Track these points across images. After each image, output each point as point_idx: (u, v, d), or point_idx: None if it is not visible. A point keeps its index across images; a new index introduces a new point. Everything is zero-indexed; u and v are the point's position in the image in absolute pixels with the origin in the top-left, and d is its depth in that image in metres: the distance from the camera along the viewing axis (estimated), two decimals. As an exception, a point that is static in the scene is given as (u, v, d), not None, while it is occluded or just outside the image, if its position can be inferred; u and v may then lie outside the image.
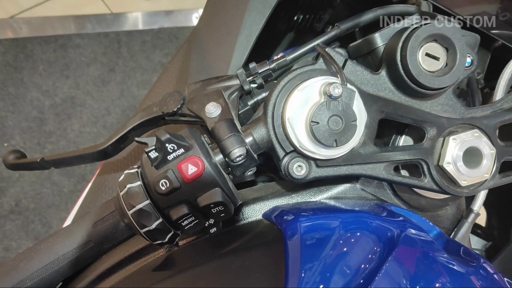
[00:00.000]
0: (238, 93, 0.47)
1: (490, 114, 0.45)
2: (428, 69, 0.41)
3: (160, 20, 1.93)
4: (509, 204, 0.70)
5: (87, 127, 1.71)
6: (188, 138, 0.40)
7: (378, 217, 0.42)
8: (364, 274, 0.35)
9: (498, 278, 0.41)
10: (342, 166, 0.42)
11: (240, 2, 0.61)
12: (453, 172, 0.43)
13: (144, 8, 1.97)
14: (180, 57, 0.66)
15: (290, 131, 0.40)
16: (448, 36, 0.41)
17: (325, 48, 0.43)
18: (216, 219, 0.41)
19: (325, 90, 0.38)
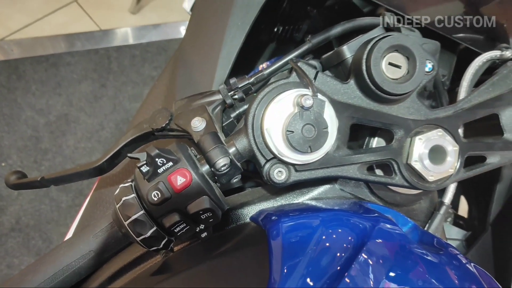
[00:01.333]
0: (221, 107, 0.51)
1: (452, 114, 0.49)
2: (391, 77, 0.45)
3: (148, 34, 1.97)
4: (485, 195, 0.74)
5: (82, 143, 1.74)
6: (176, 152, 0.43)
7: (353, 214, 0.46)
8: (340, 264, 0.39)
9: (465, 263, 0.45)
10: (318, 170, 0.46)
11: (220, 20, 0.65)
12: (421, 169, 0.47)
13: (132, 23, 2.01)
14: (167, 74, 0.69)
15: (269, 140, 0.44)
16: (407, 46, 0.45)
17: (297, 63, 0.46)
18: (206, 225, 0.45)
19: (297, 101, 0.42)
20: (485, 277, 0.46)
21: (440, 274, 0.42)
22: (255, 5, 0.64)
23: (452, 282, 0.41)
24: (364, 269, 0.38)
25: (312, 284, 0.37)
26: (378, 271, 0.39)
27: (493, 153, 0.50)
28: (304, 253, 0.40)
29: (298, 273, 0.38)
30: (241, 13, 0.64)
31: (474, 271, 0.46)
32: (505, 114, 0.51)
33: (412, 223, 0.52)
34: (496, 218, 0.69)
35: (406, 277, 0.39)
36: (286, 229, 0.42)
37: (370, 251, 0.40)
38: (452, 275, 0.43)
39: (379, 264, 0.39)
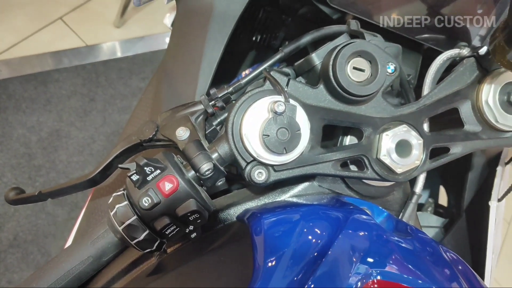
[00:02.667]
0: (203, 116, 0.55)
1: (416, 110, 0.53)
2: (356, 80, 0.49)
3: (133, 47, 2.01)
4: (460, 184, 0.78)
5: (75, 157, 1.77)
6: (163, 160, 0.47)
7: (329, 208, 0.50)
8: (318, 252, 0.43)
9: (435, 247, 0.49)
10: (295, 169, 0.50)
11: (199, 34, 0.69)
12: (389, 162, 0.51)
13: (117, 37, 2.05)
14: (152, 88, 0.73)
15: (248, 145, 0.48)
16: (368, 51, 0.49)
17: (270, 72, 0.51)
18: (194, 225, 0.48)
19: (271, 107, 0.46)
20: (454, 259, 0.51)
21: (410, 257, 0.46)
22: (231, 18, 0.68)
23: (422, 264, 0.45)
24: (339, 255, 0.42)
25: (292, 272, 0.41)
26: (352, 256, 0.43)
27: (455, 144, 0.55)
28: (284, 244, 0.44)
29: (279, 263, 0.42)
30: (218, 26, 0.68)
31: (443, 253, 0.50)
32: (464, 107, 0.55)
33: (387, 213, 0.56)
34: (469, 204, 0.74)
35: (379, 260, 0.43)
36: (267, 224, 0.46)
37: (344, 239, 0.44)
38: (422, 258, 0.47)
39: (353, 250, 0.44)
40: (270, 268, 0.41)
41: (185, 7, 0.74)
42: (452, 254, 0.51)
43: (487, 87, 0.54)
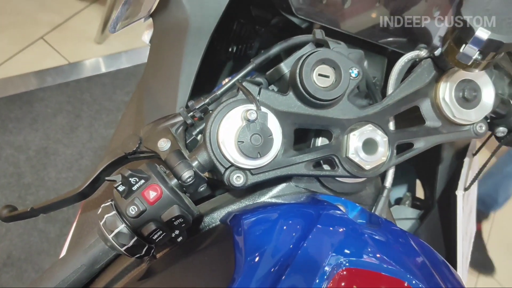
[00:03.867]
0: (183, 127, 0.59)
1: (380, 110, 0.57)
2: (322, 86, 0.53)
3: (116, 62, 2.04)
4: (432, 177, 0.83)
5: (63, 173, 1.79)
6: (146, 170, 0.51)
7: (304, 205, 0.54)
8: (293, 246, 0.46)
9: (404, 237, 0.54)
10: (271, 171, 0.54)
11: (176, 49, 0.72)
12: (358, 160, 0.55)
13: (99, 53, 2.08)
14: (134, 103, 0.77)
15: (225, 151, 0.51)
16: (331, 59, 0.53)
17: (243, 83, 0.54)
18: (179, 230, 0.52)
19: (244, 116, 0.50)
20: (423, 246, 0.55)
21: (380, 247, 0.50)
22: (206, 33, 0.72)
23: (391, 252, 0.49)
24: (312, 248, 0.46)
25: (270, 266, 0.45)
26: (325, 248, 0.47)
27: (418, 139, 0.59)
28: (263, 241, 0.47)
29: (258, 259, 0.45)
30: (194, 41, 0.72)
31: (412, 242, 0.54)
32: (424, 105, 0.60)
33: (360, 207, 0.60)
34: (441, 195, 0.78)
35: (350, 250, 0.47)
36: (247, 224, 0.50)
37: (317, 233, 0.48)
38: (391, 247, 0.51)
39: (325, 242, 0.47)
40: (251, 264, 0.45)
41: (161, 24, 0.77)
42: (421, 243, 0.55)
43: (443, 85, 0.58)
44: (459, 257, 0.70)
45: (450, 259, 0.72)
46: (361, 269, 0.45)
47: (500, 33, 0.47)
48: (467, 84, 0.58)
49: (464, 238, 0.73)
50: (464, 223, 0.73)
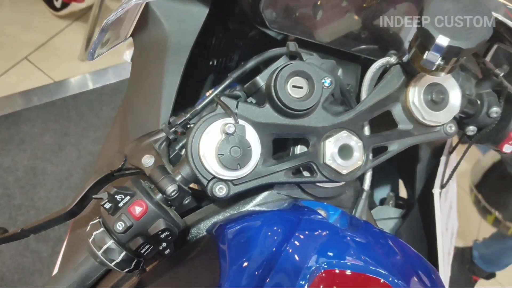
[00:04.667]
0: (166, 142, 0.61)
1: (353, 116, 0.60)
2: (296, 97, 0.55)
3: (101, 78, 2.06)
4: (412, 176, 0.86)
5: (53, 192, 1.80)
6: (131, 187, 0.53)
7: (285, 212, 0.56)
8: (275, 252, 0.49)
9: (382, 236, 0.56)
10: (252, 181, 0.56)
11: (157, 66, 0.75)
12: (335, 165, 0.58)
13: (84, 70, 2.09)
14: (118, 121, 0.79)
15: (206, 164, 0.53)
16: (304, 70, 0.55)
17: (221, 97, 0.57)
18: (166, 242, 0.54)
19: (223, 129, 0.53)
20: (400, 245, 0.57)
21: (359, 248, 0.52)
22: (185, 49, 0.74)
23: (370, 252, 0.52)
24: (293, 252, 0.48)
25: (253, 272, 0.47)
26: (306, 251, 0.49)
27: (392, 142, 0.61)
28: (246, 249, 0.50)
29: (242, 265, 0.48)
30: (174, 58, 0.74)
31: (390, 242, 0.56)
32: (395, 109, 0.62)
33: (340, 210, 0.63)
34: (420, 194, 0.81)
35: (329, 253, 0.50)
36: (231, 233, 0.52)
37: (298, 238, 0.50)
38: (370, 247, 0.54)
39: (306, 246, 0.50)
40: (235, 271, 0.47)
41: (141, 42, 0.79)
42: (398, 241, 0.57)
43: (412, 90, 0.61)
44: (440, 253, 0.73)
45: (432, 255, 0.75)
46: (341, 270, 0.48)
47: (459, 39, 0.50)
48: (435, 87, 0.61)
49: (443, 234, 0.75)
50: (443, 220, 0.76)
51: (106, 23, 0.51)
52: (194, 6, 0.75)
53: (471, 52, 0.51)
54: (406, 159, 0.90)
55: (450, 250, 0.85)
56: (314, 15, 0.69)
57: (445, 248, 0.78)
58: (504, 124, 0.65)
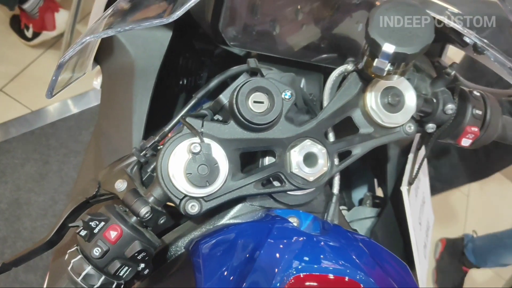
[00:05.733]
0: (137, 166, 0.62)
1: (316, 125, 0.62)
2: (258, 111, 0.58)
3: (78, 104, 2.06)
4: (383, 175, 0.88)
5: (39, 221, 1.80)
6: (105, 212, 0.54)
7: (256, 223, 0.58)
8: (248, 263, 0.51)
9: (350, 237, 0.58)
10: (223, 196, 0.58)
11: (126, 91, 0.77)
12: (301, 173, 0.60)
13: (61, 97, 2.09)
14: (92, 148, 0.80)
15: (176, 184, 0.55)
16: (263, 86, 0.58)
17: (186, 118, 0.59)
18: (144, 262, 0.56)
19: (189, 149, 0.55)
20: (370, 244, 0.60)
21: (329, 251, 0.55)
22: (152, 72, 0.77)
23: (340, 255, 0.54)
24: (265, 261, 0.51)
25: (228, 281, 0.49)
26: (277, 258, 0.51)
27: (355, 146, 0.64)
28: (219, 262, 0.52)
29: (216, 279, 0.50)
30: (142, 81, 0.76)
31: (359, 242, 0.59)
32: (355, 115, 0.65)
33: (312, 216, 0.65)
34: (392, 192, 0.84)
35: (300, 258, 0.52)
36: (204, 248, 0.54)
37: (269, 246, 0.52)
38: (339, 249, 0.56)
39: (277, 253, 0.52)
40: (210, 283, 0.49)
41: (109, 69, 0.81)
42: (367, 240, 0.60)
43: (369, 95, 0.64)
44: (414, 247, 0.75)
45: (407, 250, 0.77)
46: (311, 274, 0.50)
47: (404, 45, 0.53)
48: (390, 91, 0.64)
49: (416, 228, 0.78)
50: (414, 215, 0.79)
51: (61, 62, 0.53)
52: (157, 30, 0.78)
53: (416, 56, 0.54)
54: (378, 159, 0.93)
55: (427, 243, 0.88)
56: (272, 31, 0.72)
57: (420, 242, 0.81)
58: (460, 120, 0.69)
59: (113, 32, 0.51)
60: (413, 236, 0.75)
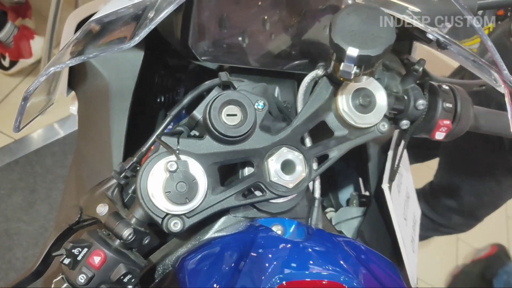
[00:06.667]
0: (118, 188, 0.63)
1: (291, 132, 0.63)
2: (232, 124, 0.58)
3: (61, 128, 2.05)
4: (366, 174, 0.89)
5: (30, 250, 1.78)
6: (88, 238, 0.55)
7: (240, 234, 0.59)
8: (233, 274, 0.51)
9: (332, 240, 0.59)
10: (205, 210, 0.58)
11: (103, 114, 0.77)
12: (280, 181, 0.61)
13: (43, 123, 2.09)
14: (72, 174, 0.80)
15: (157, 203, 0.56)
16: (234, 99, 0.59)
17: (161, 137, 0.59)
18: (131, 284, 0.56)
19: (166, 168, 0.55)
20: (354, 245, 0.61)
21: (312, 256, 0.55)
22: (127, 93, 0.77)
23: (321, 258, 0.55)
24: (250, 270, 0.51)
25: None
26: (261, 268, 0.52)
27: (331, 149, 0.65)
28: (205, 277, 0.52)
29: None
30: (118, 103, 0.77)
31: (342, 244, 0.59)
32: (329, 118, 0.66)
33: (296, 222, 0.65)
34: (375, 190, 0.85)
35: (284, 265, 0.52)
36: (189, 265, 0.54)
37: (252, 257, 0.53)
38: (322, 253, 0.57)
39: (261, 263, 0.52)
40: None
41: (84, 94, 0.82)
42: (353, 243, 0.60)
43: (340, 98, 0.65)
44: (400, 243, 0.76)
45: (396, 247, 0.78)
46: (296, 281, 0.50)
47: (367, 48, 0.54)
48: (361, 92, 0.65)
49: (402, 224, 0.79)
50: (398, 212, 0.80)
51: (25, 95, 0.54)
52: (129, 51, 0.78)
53: (381, 57, 0.55)
54: (360, 158, 0.94)
55: (414, 237, 0.89)
56: (242, 43, 0.73)
57: (407, 237, 0.82)
58: (432, 114, 0.70)
59: (77, 61, 0.51)
60: (398, 233, 0.76)
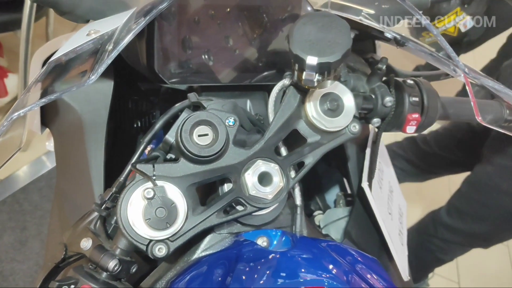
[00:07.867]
0: (100, 220, 0.63)
1: (264, 144, 0.64)
2: (204, 144, 0.59)
3: (46, 163, 2.05)
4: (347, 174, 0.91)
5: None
6: (74, 275, 0.55)
7: (225, 251, 0.59)
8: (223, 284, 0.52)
9: (316, 245, 0.60)
10: (188, 232, 0.59)
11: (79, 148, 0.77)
12: (259, 193, 0.61)
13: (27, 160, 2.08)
14: (55, 211, 0.80)
15: (139, 231, 0.56)
16: (204, 119, 0.59)
17: (136, 165, 0.60)
18: (122, 315, 0.56)
19: (143, 195, 0.56)
20: (337, 247, 0.61)
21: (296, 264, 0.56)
22: (101, 123, 0.78)
23: (305, 265, 0.56)
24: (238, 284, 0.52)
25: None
26: (248, 282, 0.52)
27: (306, 156, 0.66)
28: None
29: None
30: (92, 135, 0.77)
31: (327, 248, 0.60)
32: (300, 126, 0.67)
33: (280, 231, 0.66)
34: (358, 189, 0.86)
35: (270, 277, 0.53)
36: (180, 287, 0.55)
37: (238, 272, 0.53)
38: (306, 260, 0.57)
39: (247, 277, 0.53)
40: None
41: (58, 129, 0.82)
42: (336, 245, 0.61)
43: (309, 105, 0.66)
44: (387, 238, 0.77)
45: (384, 242, 0.79)
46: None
47: (325, 55, 0.55)
48: (328, 97, 0.66)
49: (387, 219, 0.80)
50: (382, 207, 0.81)
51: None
52: (98, 82, 0.78)
53: (340, 62, 0.56)
54: (341, 158, 0.95)
55: (402, 230, 0.90)
56: (207, 62, 0.74)
57: (394, 231, 0.83)
58: (400, 110, 0.72)
59: (40, 104, 0.52)
60: (384, 228, 0.77)
